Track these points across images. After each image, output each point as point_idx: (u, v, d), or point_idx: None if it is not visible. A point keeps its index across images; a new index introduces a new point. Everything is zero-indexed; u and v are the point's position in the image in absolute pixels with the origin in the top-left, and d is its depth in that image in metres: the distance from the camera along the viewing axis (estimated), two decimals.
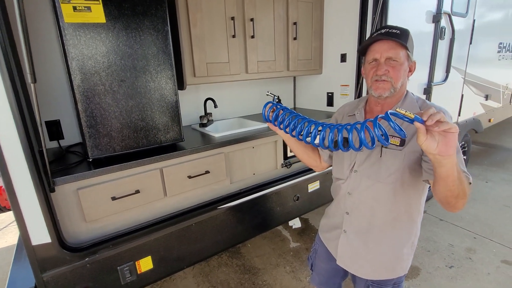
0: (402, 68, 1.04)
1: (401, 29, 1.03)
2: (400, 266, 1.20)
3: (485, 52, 3.60)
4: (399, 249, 1.18)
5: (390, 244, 1.17)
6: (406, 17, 2.43)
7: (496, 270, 2.38)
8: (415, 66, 1.08)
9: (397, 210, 1.11)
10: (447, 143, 0.75)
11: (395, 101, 1.10)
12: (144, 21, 1.48)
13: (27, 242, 1.25)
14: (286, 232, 3.03)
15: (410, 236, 1.18)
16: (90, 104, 1.42)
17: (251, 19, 2.13)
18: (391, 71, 1.03)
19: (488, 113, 4.09)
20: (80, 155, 1.68)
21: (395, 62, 1.02)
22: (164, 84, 1.62)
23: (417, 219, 1.17)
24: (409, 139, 1.04)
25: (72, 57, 1.34)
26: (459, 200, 0.92)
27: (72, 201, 1.41)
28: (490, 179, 4.08)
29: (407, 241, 1.18)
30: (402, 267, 1.21)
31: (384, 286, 1.22)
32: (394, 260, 1.19)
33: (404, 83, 1.08)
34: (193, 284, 2.36)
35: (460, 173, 0.87)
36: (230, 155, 1.93)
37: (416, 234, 1.20)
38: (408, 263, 1.21)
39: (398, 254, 1.18)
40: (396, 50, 1.02)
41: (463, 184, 0.88)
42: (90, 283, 1.45)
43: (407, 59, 1.04)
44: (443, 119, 0.72)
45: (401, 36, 1.01)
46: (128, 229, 1.58)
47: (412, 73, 1.09)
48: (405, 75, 1.07)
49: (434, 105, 1.06)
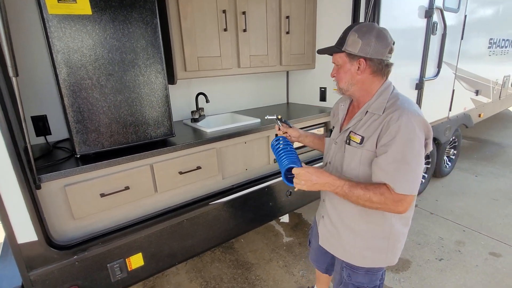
0: (342, 70, 1.16)
1: (345, 31, 1.14)
2: (372, 257, 1.26)
3: (476, 48, 3.63)
4: (369, 240, 1.24)
5: (359, 234, 1.25)
6: (399, 11, 2.43)
7: (484, 262, 2.43)
8: (365, 62, 1.11)
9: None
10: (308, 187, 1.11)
11: (366, 99, 1.18)
12: (132, 13, 1.44)
13: (12, 241, 1.21)
14: (279, 227, 3.03)
15: (382, 230, 1.22)
16: (76, 99, 1.39)
17: (243, 12, 2.10)
18: (336, 74, 1.20)
19: (478, 108, 4.14)
20: (67, 151, 1.64)
21: (337, 66, 1.19)
22: (154, 78, 1.58)
23: (389, 216, 1.19)
24: (367, 138, 1.11)
25: (57, 50, 1.29)
26: (380, 207, 1.07)
27: (59, 198, 1.38)
28: (479, 173, 4.15)
29: (378, 234, 1.23)
30: (374, 260, 1.27)
31: (356, 271, 1.31)
32: (364, 250, 1.25)
33: (357, 82, 1.15)
34: (186, 280, 2.35)
35: (364, 193, 1.05)
36: (222, 151, 1.91)
37: (392, 231, 1.22)
38: (384, 258, 1.25)
39: (369, 245, 1.24)
40: (335, 56, 1.18)
41: (360, 200, 1.07)
42: (79, 281, 1.43)
43: (348, 60, 1.13)
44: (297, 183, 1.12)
45: (341, 40, 1.13)
46: (118, 226, 1.56)
47: (363, 71, 1.13)
48: (351, 75, 1.14)
49: (402, 105, 1.09)
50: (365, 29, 1.09)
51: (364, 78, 1.14)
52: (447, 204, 3.37)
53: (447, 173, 4.11)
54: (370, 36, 1.08)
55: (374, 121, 1.11)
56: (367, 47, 1.08)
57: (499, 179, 3.96)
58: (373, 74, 1.14)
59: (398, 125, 1.03)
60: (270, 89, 2.94)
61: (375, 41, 1.08)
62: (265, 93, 2.91)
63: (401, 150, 1.02)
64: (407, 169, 1.02)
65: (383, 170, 1.06)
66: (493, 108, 4.70)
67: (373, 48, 1.08)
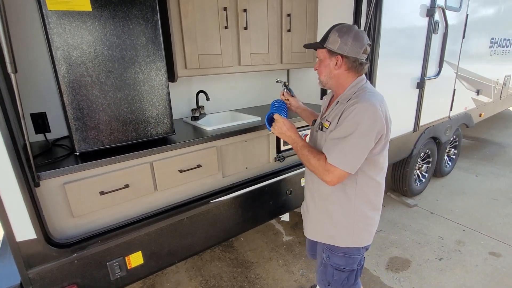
0: (323, 64, 1.31)
1: (327, 31, 1.27)
2: (339, 236, 1.39)
3: (478, 47, 3.62)
4: (335, 219, 1.38)
5: (326, 213, 1.41)
6: (400, 10, 2.41)
7: (484, 262, 2.43)
8: (341, 59, 1.25)
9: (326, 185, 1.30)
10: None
11: (341, 91, 1.32)
12: (132, 9, 1.42)
13: (11, 239, 1.21)
14: (279, 226, 3.03)
15: (345, 210, 1.35)
16: (76, 96, 1.37)
17: (244, 10, 2.08)
18: (318, 67, 1.34)
19: (479, 107, 4.13)
20: (67, 148, 1.63)
21: (319, 60, 1.33)
22: (154, 75, 1.57)
23: (353, 198, 1.33)
24: (332, 123, 1.26)
25: (56, 46, 1.28)
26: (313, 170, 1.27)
27: (58, 196, 1.37)
28: (479, 173, 4.15)
29: (342, 214, 1.36)
30: (342, 239, 1.39)
31: (334, 252, 1.44)
32: (331, 229, 1.40)
33: (334, 76, 1.29)
34: (186, 278, 2.35)
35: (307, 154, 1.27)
36: (223, 149, 1.90)
37: (355, 211, 1.35)
38: (350, 238, 1.38)
39: (334, 224, 1.39)
40: (318, 52, 1.32)
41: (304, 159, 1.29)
42: (78, 279, 1.42)
43: (328, 55, 1.27)
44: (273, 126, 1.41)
45: (324, 38, 1.27)
46: (117, 224, 1.55)
47: (339, 66, 1.26)
48: (329, 69, 1.29)
49: (363, 96, 1.21)
50: (345, 30, 1.23)
51: (340, 73, 1.28)
52: (447, 204, 3.37)
53: (447, 173, 4.11)
54: (348, 36, 1.21)
55: (339, 108, 1.27)
56: (344, 46, 1.22)
57: (499, 178, 3.96)
58: (348, 70, 1.27)
59: (352, 110, 1.18)
60: (270, 87, 2.93)
61: (352, 41, 1.21)
62: (265, 91, 2.90)
63: (345, 130, 1.18)
64: (344, 145, 1.17)
65: (327, 143, 1.24)
66: (494, 108, 4.69)
67: (349, 47, 1.22)
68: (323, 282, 1.56)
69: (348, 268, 1.45)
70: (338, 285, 1.50)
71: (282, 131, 1.38)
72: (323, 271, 1.53)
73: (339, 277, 1.47)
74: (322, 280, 1.55)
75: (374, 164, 1.28)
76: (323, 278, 1.54)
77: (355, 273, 1.48)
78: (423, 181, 3.61)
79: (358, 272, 1.49)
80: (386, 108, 1.25)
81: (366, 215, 1.37)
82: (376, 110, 1.16)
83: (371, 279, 2.28)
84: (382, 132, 1.20)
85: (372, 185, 1.33)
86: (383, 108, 1.21)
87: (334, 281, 1.49)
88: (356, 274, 1.49)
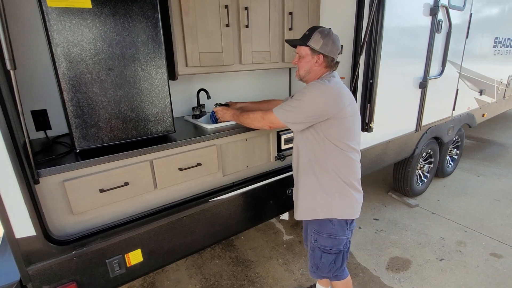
0: (304, 60, 1.49)
1: (310, 30, 1.46)
2: (321, 208, 1.53)
3: (481, 47, 3.59)
4: (314, 192, 1.53)
5: (305, 188, 1.57)
6: (403, 9, 2.40)
7: (484, 262, 2.42)
8: (322, 58, 1.45)
9: (305, 159, 1.53)
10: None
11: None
12: (132, 7, 1.42)
13: (10, 236, 1.21)
14: (279, 225, 3.03)
15: (321, 183, 1.50)
16: (76, 93, 1.37)
17: (245, 8, 2.07)
18: (298, 62, 1.52)
19: (482, 108, 4.10)
20: (67, 146, 1.63)
21: (300, 56, 1.50)
22: (155, 73, 1.56)
23: (328, 169, 1.48)
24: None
25: (56, 43, 1.28)
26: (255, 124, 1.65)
27: (58, 193, 1.37)
28: (481, 174, 4.13)
29: (319, 185, 1.51)
30: (324, 211, 1.52)
31: (321, 234, 1.57)
32: (311, 202, 1.56)
33: (312, 71, 1.50)
34: (186, 276, 2.35)
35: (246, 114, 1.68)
36: (223, 147, 1.90)
37: (330, 182, 1.49)
38: (330, 209, 1.51)
39: (314, 197, 1.54)
40: (299, 48, 1.50)
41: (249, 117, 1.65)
42: (78, 276, 1.43)
43: (310, 53, 1.46)
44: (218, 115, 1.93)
45: (306, 37, 1.45)
46: (117, 222, 1.55)
47: (319, 64, 1.46)
48: (310, 65, 1.48)
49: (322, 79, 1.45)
50: (326, 33, 1.42)
51: (318, 69, 1.48)
52: (449, 204, 3.35)
53: (449, 173, 4.09)
54: (329, 39, 1.42)
55: None
56: (326, 46, 1.42)
57: (502, 179, 3.93)
58: (325, 67, 1.48)
59: (306, 85, 1.45)
60: (272, 86, 2.92)
61: (331, 44, 1.43)
62: (267, 90, 2.89)
63: (293, 97, 1.45)
64: (288, 104, 1.45)
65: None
66: (497, 108, 4.66)
67: (330, 48, 1.43)
68: (312, 268, 1.68)
69: (335, 250, 1.57)
70: (325, 268, 1.62)
71: (223, 114, 1.85)
72: (312, 255, 1.65)
73: (326, 259, 1.59)
74: (312, 266, 1.68)
75: (341, 138, 1.44)
76: (312, 264, 1.67)
77: (341, 256, 1.59)
78: (424, 181, 3.60)
79: (344, 255, 1.61)
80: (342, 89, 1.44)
81: (341, 186, 1.50)
82: (325, 87, 1.38)
83: (371, 279, 2.28)
84: (331, 109, 1.38)
85: (344, 160, 1.47)
86: (336, 87, 1.41)
87: (322, 264, 1.61)
88: (343, 257, 1.60)
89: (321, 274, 1.66)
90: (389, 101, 2.55)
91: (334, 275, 1.65)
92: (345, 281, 1.71)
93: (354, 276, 2.30)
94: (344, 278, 1.70)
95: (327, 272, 1.63)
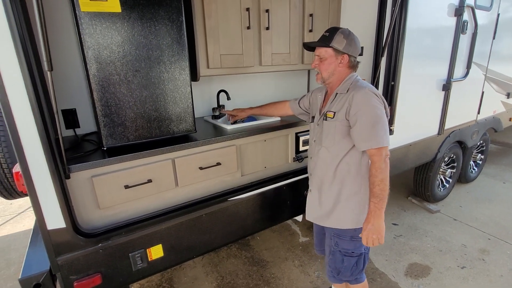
0: (327, 62, 1.44)
1: (330, 31, 1.42)
2: (347, 218, 1.48)
3: (509, 48, 3.45)
4: (343, 200, 1.47)
5: (333, 196, 1.49)
6: (427, 9, 2.35)
7: (509, 272, 2.32)
8: (347, 58, 1.41)
9: (337, 168, 1.46)
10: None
11: (336, 84, 1.48)
12: (159, 11, 1.47)
13: (42, 227, 1.28)
14: (295, 226, 3.03)
15: (355, 192, 1.46)
16: (105, 94, 1.44)
17: (266, 10, 2.10)
18: (319, 65, 1.46)
19: (509, 111, 3.94)
20: (95, 143, 1.71)
21: (321, 58, 1.45)
22: (178, 75, 1.61)
23: (359, 178, 1.44)
24: (338, 112, 1.41)
25: (88, 46, 1.35)
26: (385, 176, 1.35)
27: (86, 188, 1.44)
28: (507, 180, 3.96)
29: (352, 195, 1.46)
30: (354, 220, 1.47)
31: (342, 238, 1.52)
32: (340, 210, 1.49)
33: (336, 72, 1.45)
34: (202, 274, 2.40)
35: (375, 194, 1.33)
36: (242, 148, 1.93)
37: (365, 192, 1.43)
38: (358, 218, 1.47)
39: (343, 205, 1.48)
40: (320, 50, 1.45)
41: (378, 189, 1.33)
42: (103, 268, 1.49)
43: (333, 54, 1.41)
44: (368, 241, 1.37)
45: (327, 38, 1.40)
46: (140, 217, 1.61)
47: (343, 64, 1.42)
48: (334, 66, 1.43)
49: (360, 85, 1.39)
50: (347, 33, 1.40)
51: (342, 70, 1.44)
52: (472, 211, 3.24)
53: (473, 179, 3.94)
54: (351, 39, 1.40)
55: (341, 99, 1.42)
56: (349, 46, 1.40)
57: None
58: (349, 67, 1.45)
59: (358, 97, 1.35)
60: (291, 87, 2.92)
61: (354, 44, 1.41)
62: (286, 91, 2.90)
63: (368, 117, 1.32)
64: (377, 128, 1.31)
65: (362, 140, 1.34)
66: None
67: (353, 48, 1.41)
68: (332, 272, 1.63)
69: (357, 252, 1.53)
70: (347, 272, 1.57)
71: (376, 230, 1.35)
72: (332, 260, 1.60)
73: (348, 263, 1.54)
74: (332, 270, 1.62)
75: None
76: (332, 268, 1.61)
77: (363, 258, 1.56)
78: (446, 187, 3.49)
79: (366, 257, 1.57)
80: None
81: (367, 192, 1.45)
82: (376, 92, 1.37)
83: (389, 284, 2.24)
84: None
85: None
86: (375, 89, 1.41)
87: (344, 268, 1.56)
88: (364, 258, 1.57)
89: (342, 278, 1.61)
90: (411, 103, 2.50)
91: (355, 278, 1.61)
92: (363, 284, 1.69)
93: (371, 281, 2.27)
94: (363, 280, 1.67)
95: (349, 276, 1.58)
